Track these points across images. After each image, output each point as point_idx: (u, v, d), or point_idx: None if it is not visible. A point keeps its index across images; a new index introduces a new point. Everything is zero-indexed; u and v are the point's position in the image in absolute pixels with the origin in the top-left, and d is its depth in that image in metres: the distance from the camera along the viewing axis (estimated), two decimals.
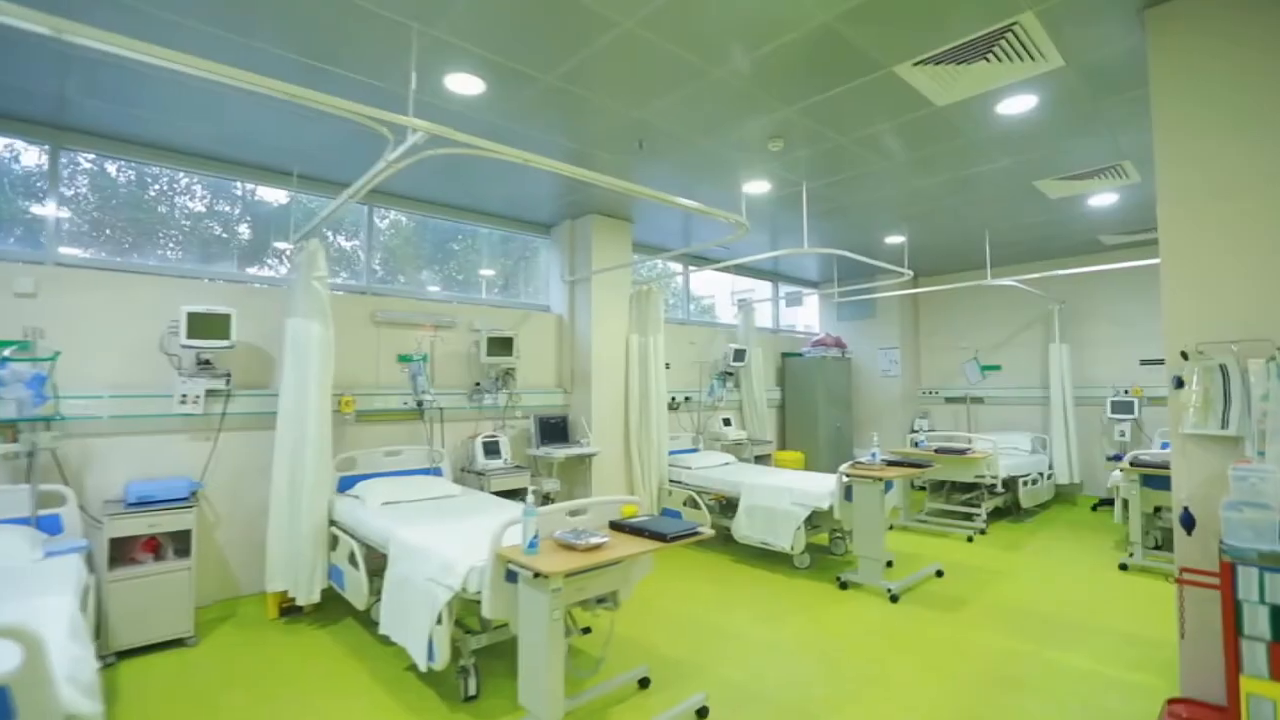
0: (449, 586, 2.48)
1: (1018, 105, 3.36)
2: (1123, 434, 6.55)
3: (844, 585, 4.13)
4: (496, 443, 4.76)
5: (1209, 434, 2.27)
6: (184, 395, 3.55)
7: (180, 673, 2.99)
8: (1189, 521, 2.26)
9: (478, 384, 4.93)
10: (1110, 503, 6.56)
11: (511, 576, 2.38)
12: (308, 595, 3.47)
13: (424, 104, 3.23)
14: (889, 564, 4.52)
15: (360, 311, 4.43)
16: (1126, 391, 6.63)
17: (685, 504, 5.19)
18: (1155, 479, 4.53)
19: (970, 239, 6.19)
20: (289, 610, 3.67)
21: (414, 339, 4.61)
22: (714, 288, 7.74)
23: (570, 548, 2.33)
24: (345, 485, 3.99)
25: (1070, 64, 2.93)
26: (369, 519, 3.35)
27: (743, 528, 4.68)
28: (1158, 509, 4.78)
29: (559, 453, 4.87)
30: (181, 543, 3.32)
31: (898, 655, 3.15)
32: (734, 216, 3.72)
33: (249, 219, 4.36)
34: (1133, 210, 5.27)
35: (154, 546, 3.30)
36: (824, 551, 4.96)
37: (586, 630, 3.23)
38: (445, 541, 2.77)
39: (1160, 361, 6.51)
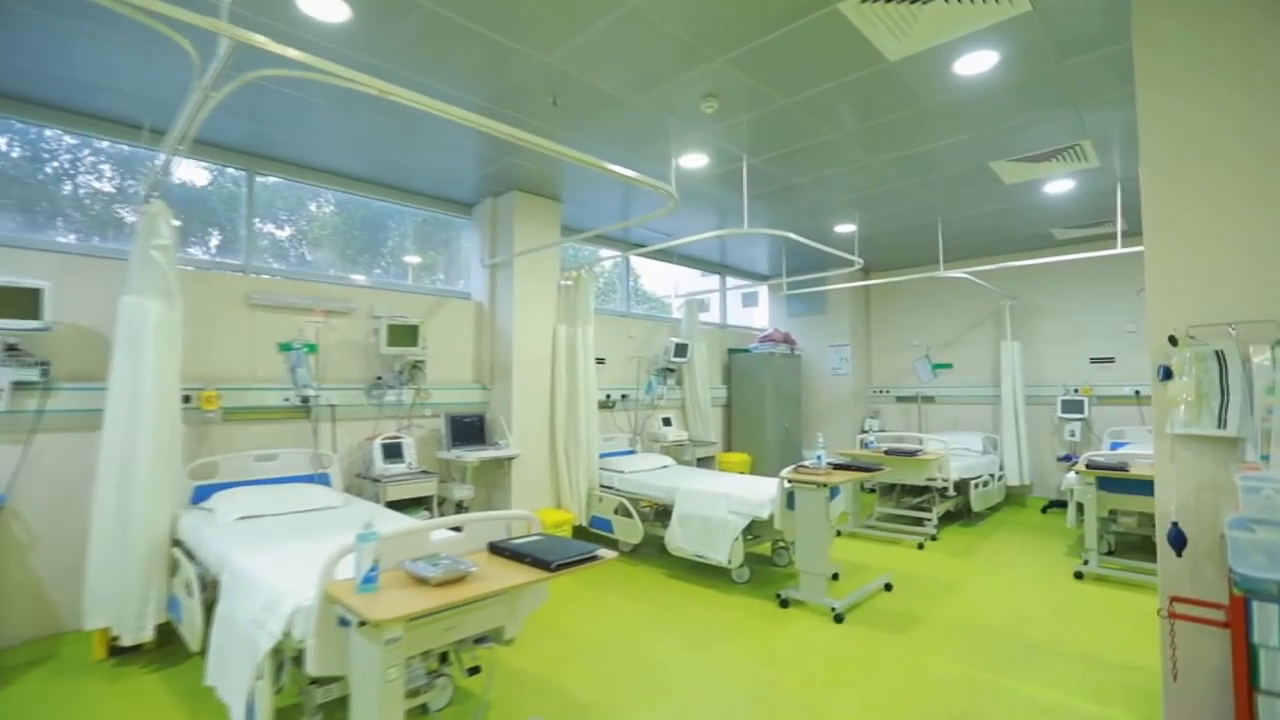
0: (271, 632, 1.93)
1: (977, 63, 2.98)
2: (1073, 434, 6.36)
3: (785, 603, 3.70)
4: (399, 445, 4.17)
5: (1203, 434, 1.89)
6: None
7: None
8: (1179, 540, 1.88)
9: (379, 378, 4.33)
10: (1060, 504, 6.37)
11: (349, 620, 1.84)
12: (136, 633, 2.83)
13: (272, 30, 2.63)
14: (835, 576, 4.12)
15: (234, 292, 3.78)
16: (1076, 390, 6.45)
17: (616, 511, 4.70)
18: (1110, 482, 4.26)
19: (923, 229, 5.89)
20: (121, 650, 3.02)
21: (298, 325, 3.98)
22: (668, 284, 7.27)
23: (421, 582, 1.81)
24: (202, 496, 3.35)
25: (1037, 7, 2.55)
26: (211, 538, 2.74)
27: (676, 538, 4.22)
28: (1112, 513, 4.52)
29: (472, 455, 4.32)
30: None
31: (841, 687, 2.72)
32: (663, 186, 3.24)
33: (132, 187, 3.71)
34: (1088, 200, 5.02)
35: None
36: (766, 562, 4.54)
37: (474, 670, 2.70)
38: (283, 570, 2.20)
39: (1110, 360, 6.35)
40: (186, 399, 3.45)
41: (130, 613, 2.82)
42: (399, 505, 3.93)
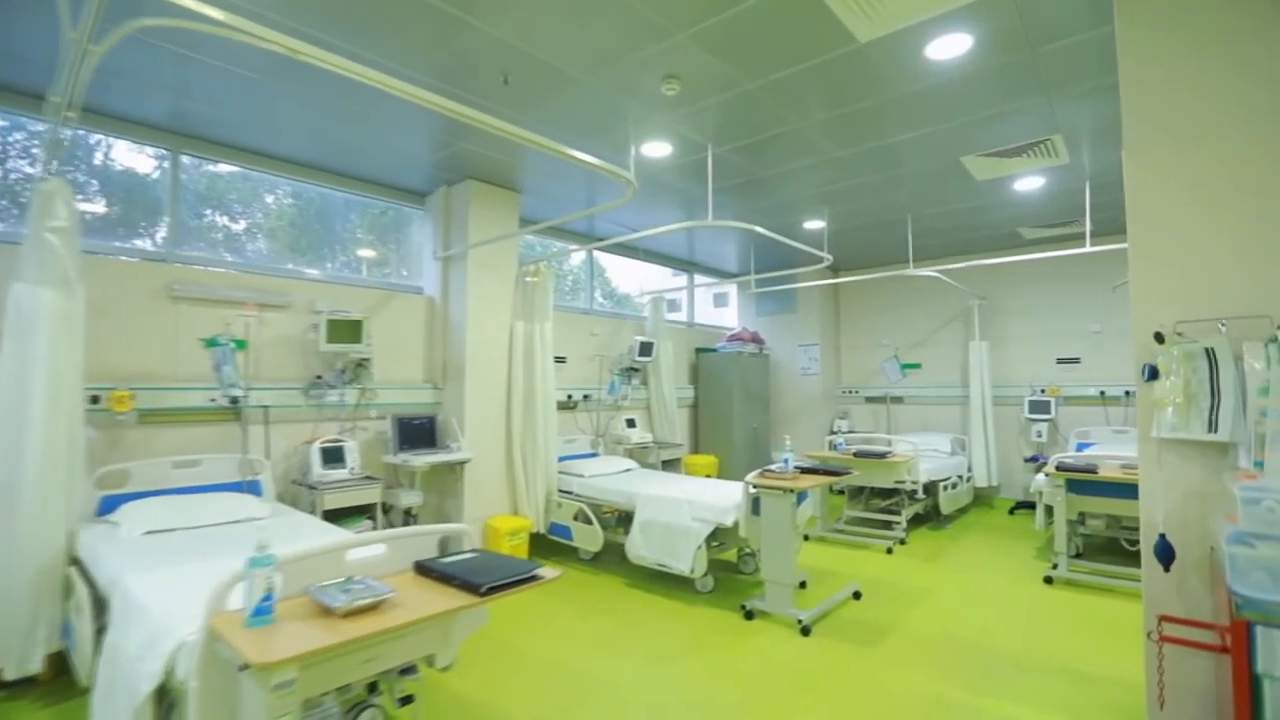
0: (151, 672, 1.66)
1: (950, 47, 2.83)
2: (1039, 434, 6.33)
3: (750, 614, 3.52)
4: (340, 449, 3.89)
5: (1191, 439, 1.75)
6: None
7: None
8: (1166, 553, 1.74)
9: (318, 377, 4.03)
10: (1027, 505, 6.34)
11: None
12: (20, 665, 2.51)
13: None
14: (802, 584, 3.96)
15: (152, 283, 3.46)
16: (1043, 391, 6.43)
17: (576, 518, 4.47)
18: (1079, 484, 4.18)
19: (892, 226, 5.78)
20: (11, 683, 2.68)
21: (226, 319, 3.65)
22: (636, 284, 7.01)
23: (327, 612, 1.56)
24: (111, 508, 3.03)
25: None
26: (107, 556, 2.44)
27: (637, 546, 4.01)
28: (1081, 515, 4.45)
29: (420, 460, 4.04)
30: None
31: (808, 708, 2.55)
32: (622, 173, 3.04)
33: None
34: (1058, 198, 4.96)
35: None
36: (732, 570, 4.36)
37: (407, 700, 2.45)
38: (178, 595, 1.93)
39: (1076, 360, 6.34)
40: (95, 400, 3.13)
41: (13, 643, 2.49)
42: (338, 514, 3.66)
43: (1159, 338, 1.82)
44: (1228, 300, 1.75)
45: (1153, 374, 1.82)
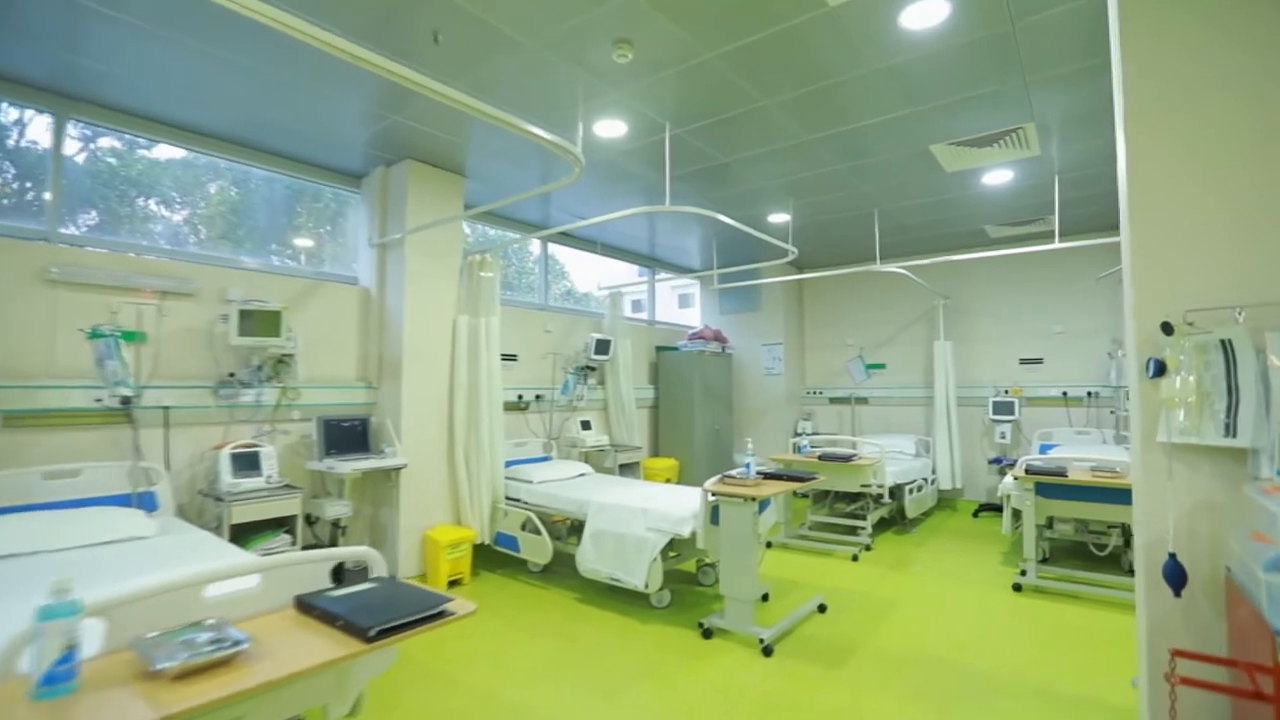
0: None
1: (925, 15, 2.60)
2: (1003, 436, 6.24)
3: (708, 633, 3.24)
4: (255, 454, 3.46)
5: (1204, 444, 1.53)
6: None
7: None
8: (1177, 576, 1.50)
9: (231, 375, 3.61)
10: (991, 507, 6.24)
11: None
12: None
13: None
14: (764, 597, 3.72)
15: (24, 264, 2.99)
16: (1006, 391, 6.34)
17: (523, 527, 4.13)
18: (1048, 487, 4.03)
19: (858, 221, 5.59)
20: None
21: (114, 308, 3.21)
22: (597, 281, 6.70)
23: (151, 676, 1.21)
24: None
25: None
26: None
27: (589, 559, 3.69)
28: (1049, 519, 4.31)
29: (348, 466, 3.65)
30: None
31: None
32: (570, 148, 2.72)
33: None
34: (1026, 193, 4.83)
35: None
36: (691, 581, 4.08)
37: None
38: None
39: (1039, 360, 6.26)
40: None
41: None
42: (252, 528, 3.26)
43: (1167, 328, 1.59)
44: (1243, 285, 1.53)
45: (1159, 369, 1.59)
